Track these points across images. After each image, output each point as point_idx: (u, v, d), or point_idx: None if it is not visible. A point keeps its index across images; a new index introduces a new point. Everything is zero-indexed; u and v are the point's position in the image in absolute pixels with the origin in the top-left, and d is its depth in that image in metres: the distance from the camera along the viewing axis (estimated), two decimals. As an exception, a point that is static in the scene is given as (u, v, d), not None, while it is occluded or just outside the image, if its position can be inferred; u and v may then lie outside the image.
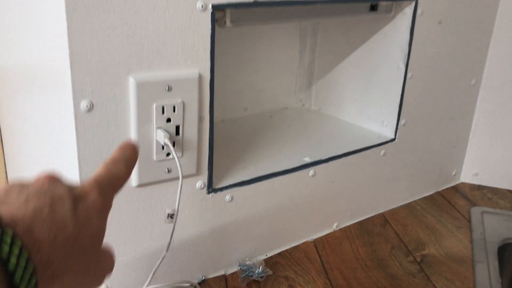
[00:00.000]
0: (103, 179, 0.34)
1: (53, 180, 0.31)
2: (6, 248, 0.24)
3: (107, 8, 0.52)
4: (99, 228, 0.32)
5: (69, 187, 0.32)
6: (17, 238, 0.25)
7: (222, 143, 0.86)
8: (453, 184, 1.10)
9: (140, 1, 0.54)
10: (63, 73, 0.54)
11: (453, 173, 1.09)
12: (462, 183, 1.11)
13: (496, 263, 0.81)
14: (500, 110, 1.04)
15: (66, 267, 0.28)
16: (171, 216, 0.58)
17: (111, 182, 0.35)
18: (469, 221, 0.94)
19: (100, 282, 0.33)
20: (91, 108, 0.55)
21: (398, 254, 0.82)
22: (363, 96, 0.95)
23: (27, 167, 0.80)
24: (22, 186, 0.29)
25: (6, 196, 0.28)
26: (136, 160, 0.38)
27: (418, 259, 0.81)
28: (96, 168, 0.57)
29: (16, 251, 0.24)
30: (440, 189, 1.06)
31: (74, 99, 0.54)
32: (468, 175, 1.10)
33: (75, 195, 0.31)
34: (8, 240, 0.24)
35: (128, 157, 0.37)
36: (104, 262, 0.33)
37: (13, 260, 0.24)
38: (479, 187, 1.09)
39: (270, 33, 0.98)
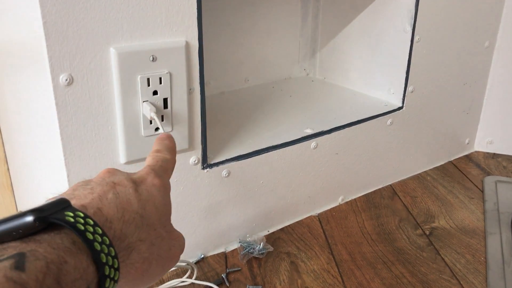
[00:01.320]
0: (155, 165, 0.37)
1: (111, 172, 0.34)
2: (81, 227, 0.26)
3: (81, -27, 0.49)
4: (163, 203, 0.34)
5: (127, 174, 0.35)
6: (89, 218, 0.27)
7: (221, 116, 0.83)
8: (466, 153, 1.05)
9: (116, -36, 0.50)
10: (39, 46, 0.51)
11: (466, 141, 1.04)
12: (476, 152, 1.06)
13: (510, 234, 0.77)
14: (517, 73, 0.98)
15: (139, 238, 0.31)
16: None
17: (163, 166, 0.38)
18: (482, 191, 0.89)
19: (176, 257, 0.35)
20: (70, 82, 0.52)
21: (406, 227, 0.79)
22: (369, 63, 0.90)
23: (21, 147, 0.78)
24: (85, 182, 0.32)
25: (73, 192, 0.31)
26: (175, 147, 0.42)
27: (427, 232, 0.77)
28: (79, 144, 0.54)
29: (90, 228, 0.27)
30: (452, 159, 1.02)
31: (52, 72, 0.51)
32: (482, 143, 1.05)
33: (134, 179, 0.34)
34: (81, 220, 0.27)
35: (168, 145, 0.41)
36: (176, 238, 0.35)
37: (89, 235, 0.26)
38: (494, 156, 1.04)
39: (271, 0, 0.94)
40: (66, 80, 0.52)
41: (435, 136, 0.96)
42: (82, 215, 0.27)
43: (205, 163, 0.66)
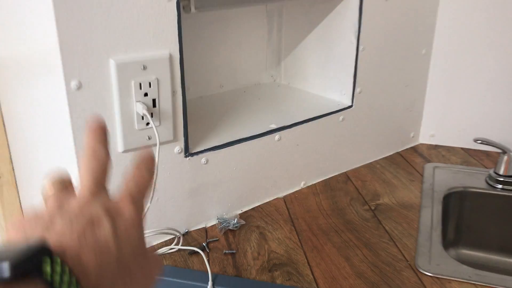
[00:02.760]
0: (133, 189, 0.36)
1: (88, 199, 0.34)
2: (57, 278, 0.26)
3: (89, 2, 0.63)
4: (138, 239, 0.34)
5: (105, 205, 0.33)
6: (66, 265, 0.27)
7: (200, 115, 0.98)
8: (412, 145, 1.22)
9: (115, -5, 0.65)
10: (54, 58, 0.65)
11: (411, 135, 1.21)
12: (421, 144, 1.23)
13: (440, 207, 0.93)
14: (451, 76, 1.15)
15: (113, 285, 0.31)
16: (151, 173, 0.70)
17: (140, 189, 0.37)
18: (422, 175, 1.06)
19: (151, 283, 0.35)
20: (80, 86, 0.67)
21: (355, 204, 0.95)
22: (324, 69, 1.06)
23: (30, 148, 0.91)
24: (63, 209, 0.32)
25: (51, 222, 0.30)
26: (154, 163, 0.40)
27: (373, 208, 0.93)
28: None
29: (66, 278, 0.27)
30: (400, 150, 1.19)
31: (65, 79, 0.65)
32: (425, 136, 1.23)
33: (111, 213, 0.33)
34: (58, 269, 0.27)
35: (148, 164, 0.39)
36: (150, 265, 0.35)
37: (64, 287, 0.27)
38: (436, 147, 1.21)
39: (241, 16, 1.09)
40: (76, 85, 0.66)
41: (383, 130, 1.12)
42: (59, 270, 0.27)
43: (187, 152, 0.81)
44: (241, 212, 0.91)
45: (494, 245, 1.01)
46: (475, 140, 1.01)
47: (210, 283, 0.72)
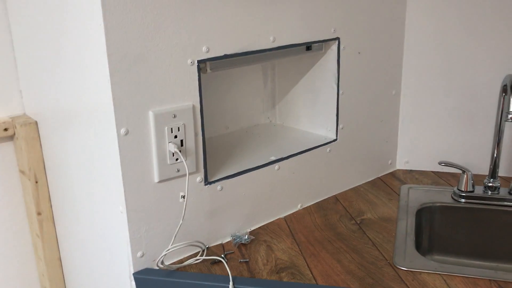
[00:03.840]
0: None
1: None
2: None
3: (135, 70, 0.85)
4: None
5: None
6: None
7: (213, 152, 1.19)
8: (390, 171, 1.43)
9: (153, 64, 0.87)
10: (107, 111, 0.86)
11: (389, 162, 1.42)
12: (397, 169, 1.44)
13: (413, 219, 1.13)
14: (418, 111, 1.38)
15: None
16: (183, 196, 0.90)
17: None
18: (399, 194, 1.27)
19: None
20: (127, 133, 0.87)
21: (344, 220, 1.15)
22: (311, 110, 1.28)
23: (67, 186, 1.11)
24: None
25: None
26: None
27: (358, 222, 1.13)
28: (131, 170, 0.88)
29: None
30: (380, 175, 1.40)
31: (116, 127, 0.86)
32: (401, 163, 1.44)
33: None
34: None
35: None
36: None
37: None
38: (410, 171, 1.42)
39: (242, 72, 1.32)
40: (124, 132, 0.87)
41: (364, 159, 1.34)
42: None
43: (207, 181, 1.01)
44: (250, 230, 1.11)
45: (461, 250, 1.21)
46: (440, 163, 1.23)
47: (231, 282, 0.90)
